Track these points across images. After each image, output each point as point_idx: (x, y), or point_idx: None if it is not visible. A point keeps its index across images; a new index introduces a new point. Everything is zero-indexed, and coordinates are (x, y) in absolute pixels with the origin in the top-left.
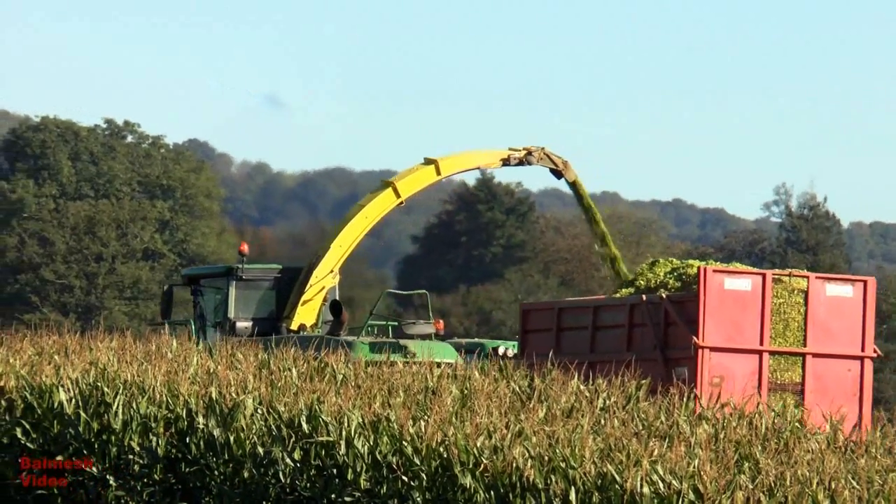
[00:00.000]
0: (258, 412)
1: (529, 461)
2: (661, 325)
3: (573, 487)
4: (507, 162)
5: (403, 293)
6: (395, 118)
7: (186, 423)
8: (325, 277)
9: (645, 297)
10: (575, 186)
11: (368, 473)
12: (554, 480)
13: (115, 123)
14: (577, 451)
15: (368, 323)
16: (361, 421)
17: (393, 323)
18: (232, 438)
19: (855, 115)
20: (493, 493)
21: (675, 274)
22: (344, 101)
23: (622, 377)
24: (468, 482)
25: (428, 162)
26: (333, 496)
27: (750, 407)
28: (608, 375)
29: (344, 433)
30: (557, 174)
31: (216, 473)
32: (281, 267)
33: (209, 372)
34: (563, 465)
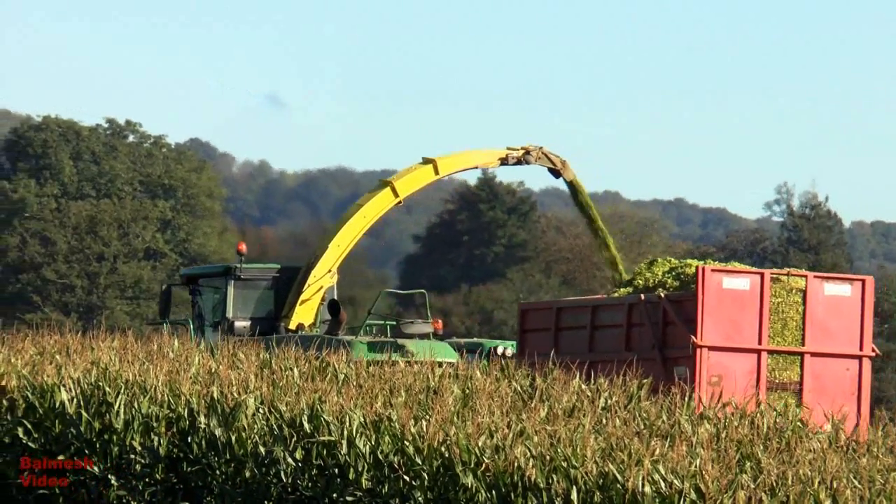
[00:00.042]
0: (260, 412)
1: (531, 461)
2: (659, 324)
3: (575, 487)
4: (505, 161)
5: (402, 292)
6: (395, 118)
7: (188, 422)
8: (323, 277)
9: (643, 296)
10: (573, 186)
11: (370, 473)
12: (555, 480)
13: (116, 123)
14: (578, 450)
15: (367, 322)
16: (363, 420)
17: (391, 322)
18: (233, 438)
19: (856, 114)
20: (494, 492)
21: (673, 273)
22: (344, 100)
23: (624, 376)
24: (470, 482)
25: (426, 161)
26: (335, 496)
27: (751, 406)
28: (607, 375)
29: (345, 433)
30: (556, 173)
31: (218, 473)
32: (279, 266)
33: (211, 371)
34: (564, 464)
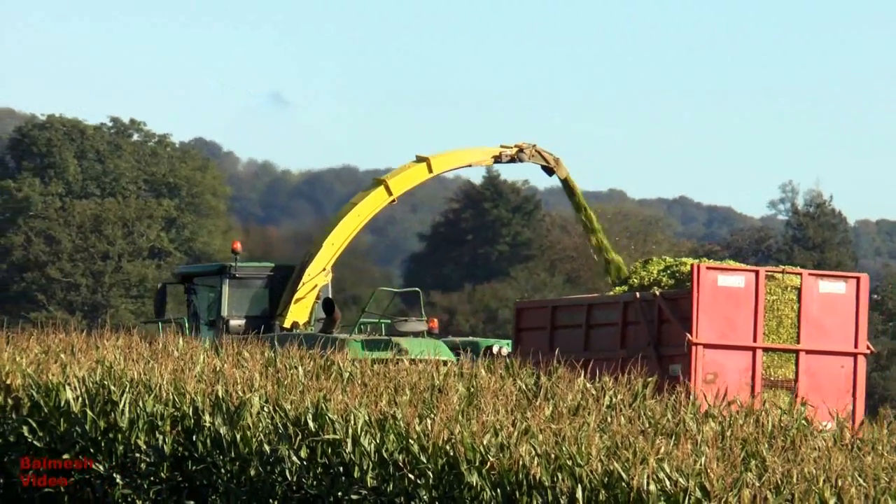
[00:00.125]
0: (264, 410)
1: (536, 459)
2: (654, 322)
3: (580, 485)
4: (498, 159)
5: (397, 290)
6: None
7: (193, 421)
8: (317, 275)
9: (638, 294)
10: (567, 183)
11: (375, 471)
12: (560, 478)
13: (121, 122)
14: (583, 448)
15: (361, 321)
16: (368, 419)
17: (386, 321)
18: (238, 436)
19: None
20: (499, 490)
21: (668, 272)
22: (344, 100)
23: (629, 375)
24: (475, 480)
25: (420, 160)
26: (340, 494)
27: (756, 404)
28: (602, 374)
29: (350, 431)
30: (549, 171)
31: (223, 471)
32: (274, 265)
33: (215, 370)
34: (569, 462)
